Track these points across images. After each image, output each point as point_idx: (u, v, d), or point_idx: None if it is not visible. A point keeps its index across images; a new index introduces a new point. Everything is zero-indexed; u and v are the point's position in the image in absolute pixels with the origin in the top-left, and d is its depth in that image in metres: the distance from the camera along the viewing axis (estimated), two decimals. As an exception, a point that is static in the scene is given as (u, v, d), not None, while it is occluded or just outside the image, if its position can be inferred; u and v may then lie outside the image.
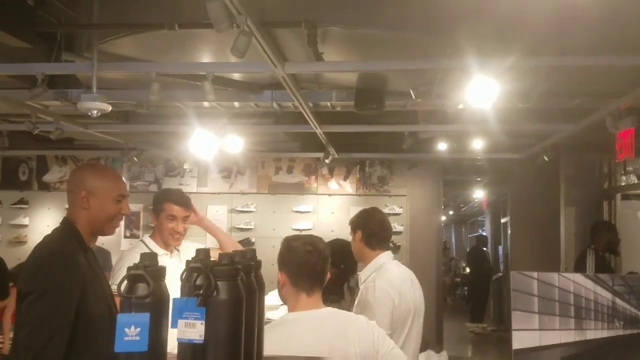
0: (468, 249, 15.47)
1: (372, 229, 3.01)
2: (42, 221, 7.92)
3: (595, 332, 2.05)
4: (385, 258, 3.00)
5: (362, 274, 2.96)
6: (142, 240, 3.25)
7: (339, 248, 3.36)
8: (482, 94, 3.39)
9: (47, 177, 8.19)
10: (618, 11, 2.87)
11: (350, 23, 3.37)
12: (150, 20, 3.46)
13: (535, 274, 2.13)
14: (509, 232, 9.31)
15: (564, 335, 2.05)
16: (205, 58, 4.24)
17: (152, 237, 3.20)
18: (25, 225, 8.15)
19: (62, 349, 1.79)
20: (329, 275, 2.12)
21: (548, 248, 7.00)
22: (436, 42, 3.46)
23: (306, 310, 2.01)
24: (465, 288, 14.71)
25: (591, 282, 2.06)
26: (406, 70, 3.91)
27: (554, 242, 6.80)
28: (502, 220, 11.98)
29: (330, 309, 2.09)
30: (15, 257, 6.97)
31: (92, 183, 2.08)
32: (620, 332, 2.08)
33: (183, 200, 3.12)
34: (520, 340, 2.04)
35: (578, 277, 2.12)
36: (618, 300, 2.07)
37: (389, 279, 2.87)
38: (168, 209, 3.07)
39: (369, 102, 4.52)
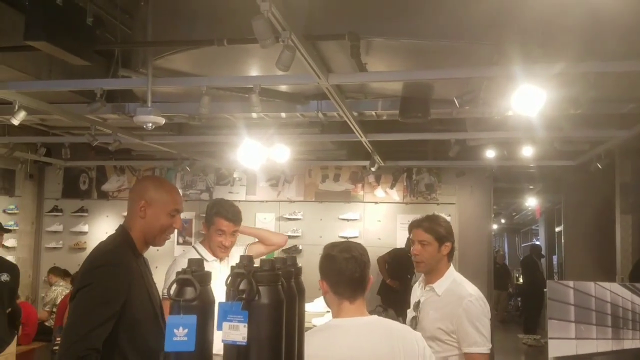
0: (521, 259, 15.08)
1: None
2: (101, 228, 8.29)
3: (633, 342, 2.00)
4: (454, 271, 2.86)
5: (437, 287, 2.77)
6: (193, 247, 3.35)
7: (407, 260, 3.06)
8: (529, 101, 3.34)
9: (106, 187, 8.59)
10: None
11: (394, 34, 3.41)
12: (201, 36, 3.62)
13: (571, 283, 2.09)
14: (563, 241, 9.04)
15: (601, 344, 2.00)
16: (254, 71, 4.37)
17: (203, 243, 3.30)
18: (85, 232, 8.56)
19: (101, 341, 1.92)
20: (371, 280, 2.11)
21: (603, 258, 6.76)
22: (481, 50, 3.45)
23: (350, 317, 2.02)
24: (519, 299, 14.31)
25: (628, 292, 2.02)
26: (452, 78, 3.91)
27: (609, 251, 6.56)
28: (557, 229, 11.63)
29: (375, 317, 2.08)
30: (76, 263, 7.35)
31: (152, 194, 2.20)
32: (659, 343, 2.02)
33: (233, 217, 3.17)
34: (557, 348, 2.01)
35: (615, 287, 2.07)
36: (657, 311, 2.01)
37: (480, 293, 2.77)
38: (218, 223, 3.14)
39: (414, 111, 4.54)
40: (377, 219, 8.03)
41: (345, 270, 2.02)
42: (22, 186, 8.44)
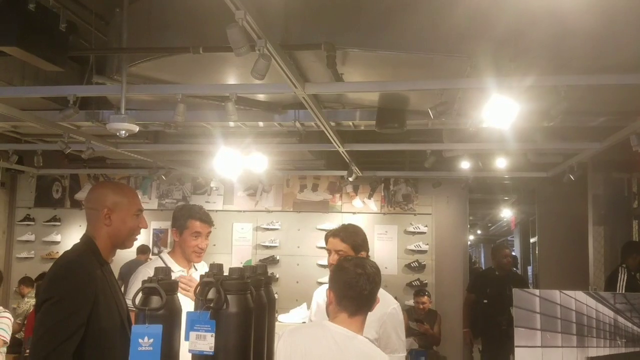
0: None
1: None
2: (74, 238, 8.12)
3: (597, 350, 2.03)
4: None
5: None
6: (159, 257, 3.23)
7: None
8: (502, 113, 3.39)
9: (79, 195, 8.44)
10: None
11: (370, 45, 3.44)
12: (177, 44, 3.60)
13: (537, 292, 2.12)
14: (537, 252, 9.16)
15: (566, 352, 2.03)
16: (230, 80, 4.36)
17: (171, 254, 3.19)
18: (58, 242, 8.39)
19: (70, 353, 1.90)
20: (378, 301, 2.09)
21: (577, 269, 6.86)
22: (455, 62, 3.50)
23: (342, 326, 1.99)
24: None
25: (593, 300, 2.05)
26: (426, 90, 3.95)
27: (582, 262, 6.66)
28: (532, 240, 11.78)
29: (364, 339, 2.01)
30: (48, 273, 7.19)
31: (113, 200, 2.18)
32: (623, 350, 2.06)
33: (207, 218, 3.13)
34: (523, 356, 2.03)
35: (580, 295, 2.11)
36: (620, 318, 2.05)
37: None
38: (192, 226, 3.08)
39: (390, 121, 4.57)
40: (355, 229, 8.02)
41: (355, 285, 2.00)
42: (-7, 194, 8.27)
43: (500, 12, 2.85)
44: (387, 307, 2.75)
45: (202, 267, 3.23)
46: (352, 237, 2.82)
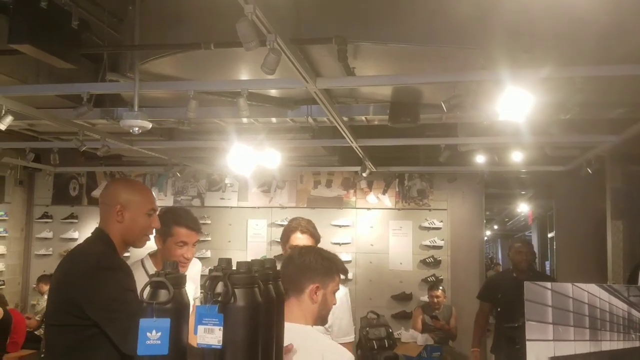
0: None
1: None
2: (91, 235, 8.20)
3: (610, 344, 2.00)
4: None
5: None
6: (141, 262, 2.83)
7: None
8: (516, 106, 3.35)
9: (96, 193, 8.53)
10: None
11: (381, 38, 3.41)
12: (189, 40, 3.60)
13: (548, 285, 2.10)
14: (555, 247, 9.05)
15: (579, 346, 2.00)
16: (243, 75, 4.36)
17: (153, 259, 2.83)
18: (75, 239, 8.49)
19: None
20: (314, 286, 2.06)
21: (595, 263, 6.76)
22: (468, 54, 3.45)
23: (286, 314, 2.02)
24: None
25: (606, 293, 2.02)
26: (440, 83, 3.91)
27: (600, 257, 6.55)
28: (549, 235, 11.66)
29: (297, 326, 1.96)
30: (66, 269, 7.27)
31: (126, 197, 2.18)
32: (637, 344, 2.02)
33: (195, 225, 2.79)
34: (535, 350, 2.01)
35: (592, 288, 2.07)
36: (634, 311, 2.01)
37: None
38: (177, 234, 2.72)
39: (404, 116, 4.54)
40: (370, 225, 8.01)
41: (282, 267, 2.11)
42: (12, 192, 8.39)
43: (513, 1, 2.81)
44: (344, 295, 2.82)
45: (193, 266, 3.01)
46: (316, 232, 3.02)
